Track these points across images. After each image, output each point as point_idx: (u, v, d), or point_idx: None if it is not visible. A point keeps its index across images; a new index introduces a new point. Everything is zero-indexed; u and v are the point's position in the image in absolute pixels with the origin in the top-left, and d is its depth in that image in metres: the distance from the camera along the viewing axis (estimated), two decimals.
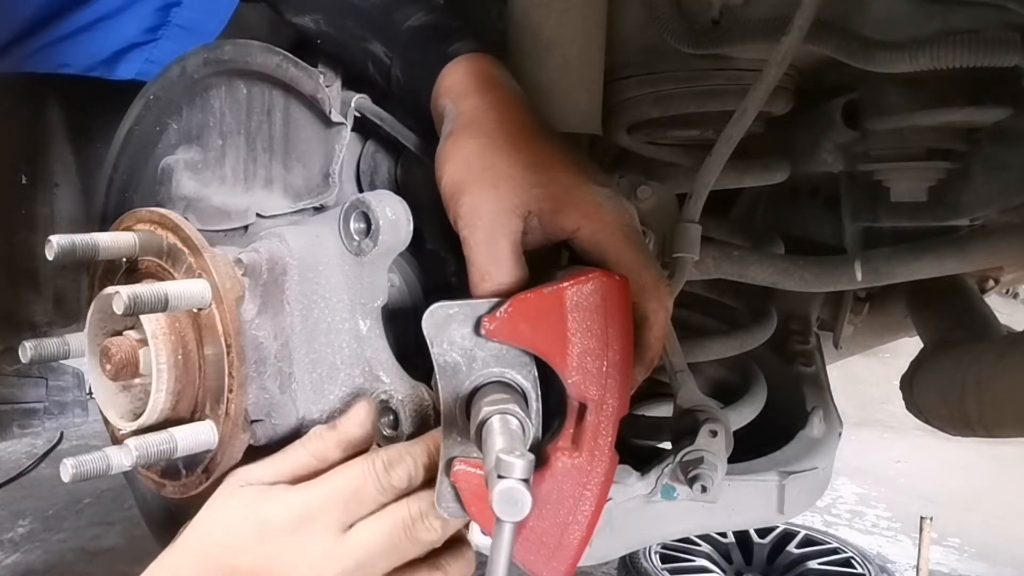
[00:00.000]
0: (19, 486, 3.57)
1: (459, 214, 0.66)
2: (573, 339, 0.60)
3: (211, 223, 0.87)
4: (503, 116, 0.71)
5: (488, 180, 0.66)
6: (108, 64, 1.07)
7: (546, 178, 0.67)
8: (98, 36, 1.06)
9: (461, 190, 0.66)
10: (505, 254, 0.65)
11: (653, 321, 0.68)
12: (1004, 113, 0.99)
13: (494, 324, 0.60)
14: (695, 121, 1.06)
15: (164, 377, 0.74)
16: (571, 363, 0.60)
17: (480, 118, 0.70)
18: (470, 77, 0.74)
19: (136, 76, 1.08)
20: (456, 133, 0.70)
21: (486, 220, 0.65)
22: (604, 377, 0.61)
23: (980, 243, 1.10)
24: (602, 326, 0.60)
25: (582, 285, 0.60)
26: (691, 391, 1.09)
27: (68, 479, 0.70)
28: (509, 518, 0.51)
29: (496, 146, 0.68)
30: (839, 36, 0.89)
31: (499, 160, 0.67)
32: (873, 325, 1.61)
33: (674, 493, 1.08)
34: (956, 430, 1.11)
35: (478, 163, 0.67)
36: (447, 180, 0.68)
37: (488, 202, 0.65)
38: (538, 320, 0.60)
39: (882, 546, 3.58)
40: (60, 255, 0.72)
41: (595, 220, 0.67)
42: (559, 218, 0.67)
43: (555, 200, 0.67)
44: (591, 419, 0.61)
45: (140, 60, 1.08)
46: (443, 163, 0.69)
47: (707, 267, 1.15)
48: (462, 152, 0.68)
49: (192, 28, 1.08)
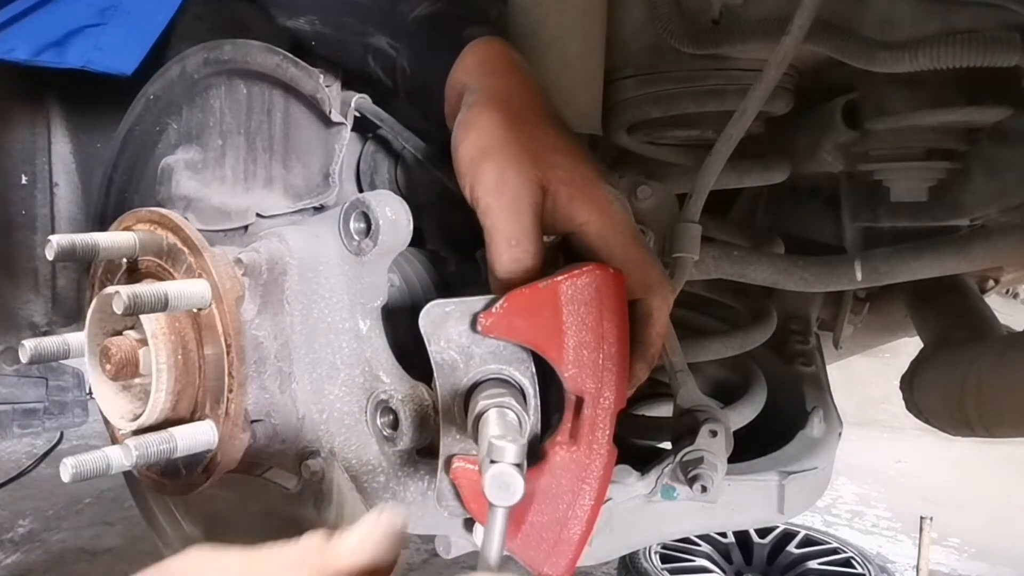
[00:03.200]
0: (19, 486, 3.57)
1: (480, 181, 0.65)
2: (568, 332, 0.60)
3: (211, 223, 0.87)
4: (530, 97, 0.71)
5: (514, 151, 0.66)
6: (58, 48, 1.04)
7: (568, 163, 0.67)
8: (47, 16, 1.04)
9: (484, 156, 0.66)
10: (530, 222, 0.64)
11: (656, 318, 0.69)
12: (1004, 113, 0.99)
13: (490, 320, 0.60)
14: (695, 121, 1.06)
15: (164, 377, 0.73)
16: (567, 357, 0.60)
17: (508, 95, 0.70)
18: (494, 57, 0.74)
19: (85, 64, 1.06)
20: (480, 104, 0.69)
21: (512, 186, 0.65)
22: (600, 370, 0.61)
23: (980, 243, 1.10)
24: (597, 319, 0.60)
25: (576, 278, 0.60)
26: (691, 391, 1.09)
27: (68, 479, 0.70)
28: (501, 503, 0.50)
29: (523, 122, 0.68)
30: (839, 36, 0.89)
31: (524, 135, 0.67)
32: (873, 325, 1.61)
33: (674, 493, 1.08)
34: (956, 430, 1.11)
35: (502, 134, 0.67)
36: (468, 146, 0.67)
37: (514, 170, 0.65)
38: (533, 314, 0.60)
39: (882, 546, 3.58)
40: (60, 255, 0.72)
41: (605, 216, 0.67)
42: (573, 206, 0.66)
43: (573, 187, 0.67)
44: (588, 412, 0.61)
45: (89, 45, 1.05)
46: (464, 130, 0.68)
47: (707, 267, 1.15)
48: (486, 122, 0.68)
49: (139, 15, 1.06)
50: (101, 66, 1.05)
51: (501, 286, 0.64)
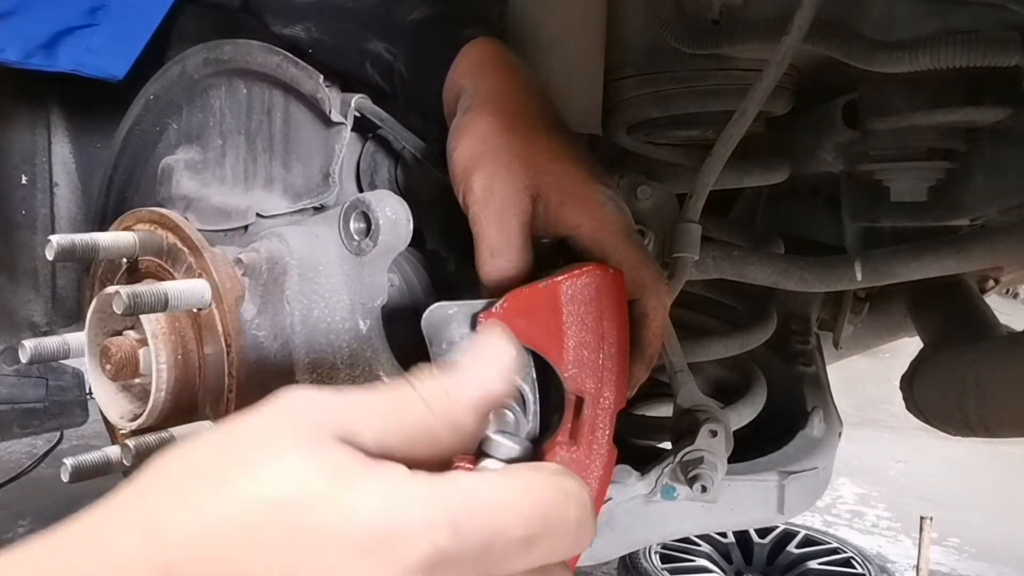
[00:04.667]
0: (19, 486, 3.57)
1: (471, 189, 0.66)
2: (568, 332, 0.60)
3: (211, 223, 0.87)
4: (523, 99, 0.71)
5: (503, 159, 0.66)
6: (47, 50, 1.04)
7: (558, 168, 0.67)
8: (36, 17, 1.04)
9: (475, 165, 0.66)
10: (515, 232, 0.65)
11: (652, 318, 0.68)
12: (1004, 113, 0.99)
13: (490, 321, 0.61)
14: (695, 121, 1.06)
15: (164, 377, 0.74)
16: (567, 356, 0.60)
17: (501, 97, 0.70)
18: (490, 58, 0.74)
19: (76, 67, 1.05)
20: (475, 109, 0.69)
21: (498, 196, 0.65)
22: (600, 370, 0.61)
23: (980, 243, 1.10)
24: (597, 319, 0.60)
25: (576, 278, 0.60)
26: (691, 391, 1.09)
27: (68, 479, 0.70)
28: None
29: (514, 127, 0.68)
30: (839, 36, 0.88)
31: (515, 141, 0.67)
32: (873, 325, 1.61)
33: (674, 493, 1.08)
34: (956, 430, 1.11)
35: (494, 140, 0.67)
36: (460, 154, 0.67)
37: (502, 180, 0.65)
38: (533, 315, 0.60)
39: (882, 546, 3.58)
40: (60, 255, 0.72)
41: (597, 219, 0.67)
42: (564, 211, 0.67)
43: (563, 192, 0.67)
44: (588, 412, 0.61)
45: (80, 47, 1.05)
46: (458, 137, 0.68)
47: (707, 267, 1.15)
48: (479, 128, 0.68)
49: (129, 15, 1.06)
50: (92, 70, 1.05)
51: (488, 293, 0.65)
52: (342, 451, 0.36)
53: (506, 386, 0.42)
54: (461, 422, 0.41)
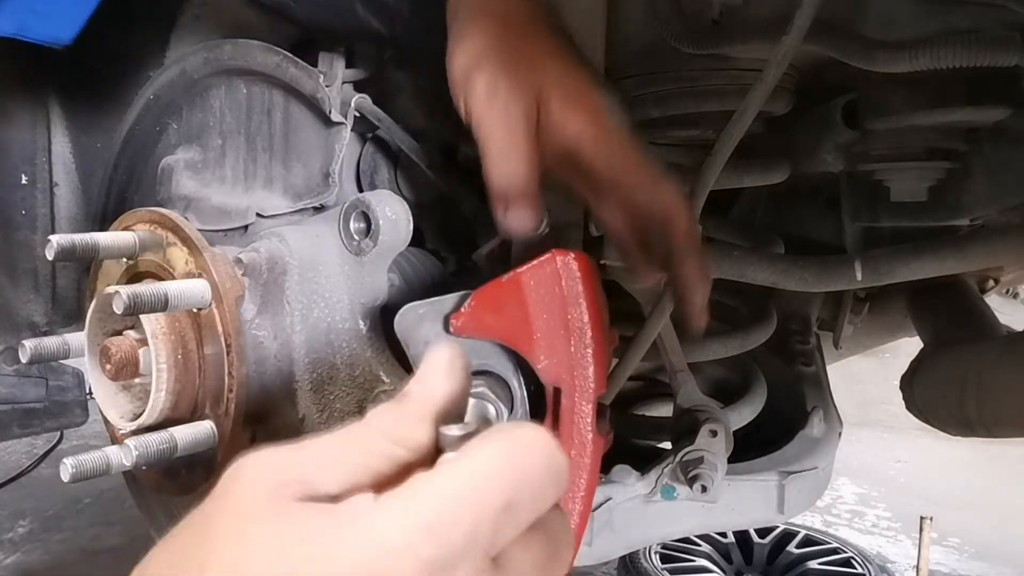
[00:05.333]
0: (19, 486, 3.57)
1: (473, 90, 0.64)
2: (536, 323, 0.59)
3: (211, 223, 0.87)
4: (524, 4, 0.69)
5: (505, 59, 0.64)
6: None
7: (560, 68, 0.65)
8: None
9: (477, 65, 0.64)
10: (521, 133, 0.63)
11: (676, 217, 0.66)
12: (1004, 113, 0.99)
13: (460, 320, 0.60)
14: (695, 121, 1.06)
15: (164, 377, 0.74)
16: (537, 348, 0.60)
17: (500, 5, 0.68)
18: None
19: (18, 31, 0.98)
20: (473, 14, 0.67)
21: (503, 96, 0.63)
22: (573, 357, 0.60)
23: (980, 243, 1.10)
24: (562, 306, 0.59)
25: (537, 268, 0.59)
26: (691, 391, 1.09)
27: (68, 479, 0.70)
28: None
29: (513, 27, 0.66)
30: (839, 36, 0.88)
31: (516, 41, 0.65)
32: (873, 325, 1.61)
33: (674, 493, 1.08)
34: (956, 430, 1.11)
35: (495, 42, 0.65)
36: (460, 59, 0.65)
37: (506, 80, 0.63)
38: (500, 310, 0.60)
39: (882, 546, 3.58)
40: (60, 255, 0.72)
41: (598, 126, 0.65)
42: (565, 115, 0.64)
43: (565, 93, 0.65)
44: (566, 402, 0.60)
45: (23, 9, 0.97)
46: (457, 41, 0.66)
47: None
48: (479, 30, 0.65)
49: None
50: (36, 34, 0.99)
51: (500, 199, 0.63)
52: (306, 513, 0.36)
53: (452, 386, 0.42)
54: (417, 438, 0.41)
